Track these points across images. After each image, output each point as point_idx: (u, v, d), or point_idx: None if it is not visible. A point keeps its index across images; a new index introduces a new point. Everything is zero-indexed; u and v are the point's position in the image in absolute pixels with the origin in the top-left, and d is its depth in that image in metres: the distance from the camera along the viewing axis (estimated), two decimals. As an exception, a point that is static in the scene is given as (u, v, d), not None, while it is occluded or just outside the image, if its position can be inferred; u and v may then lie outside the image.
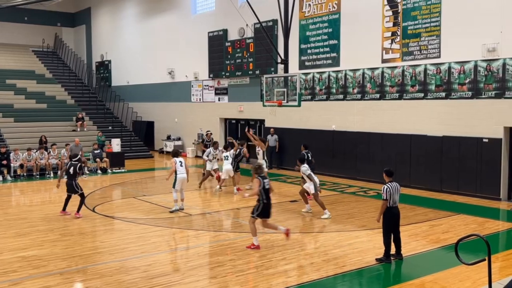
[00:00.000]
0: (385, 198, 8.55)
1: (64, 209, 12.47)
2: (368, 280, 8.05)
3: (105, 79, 32.59)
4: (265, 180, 9.39)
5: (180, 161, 12.81)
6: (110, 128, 26.63)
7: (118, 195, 16.09)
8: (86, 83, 31.66)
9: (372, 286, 7.88)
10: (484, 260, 4.42)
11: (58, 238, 10.28)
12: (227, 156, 15.26)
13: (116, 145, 22.23)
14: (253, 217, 9.43)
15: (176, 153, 13.12)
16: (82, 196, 12.42)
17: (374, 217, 11.96)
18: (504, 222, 11.94)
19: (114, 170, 20.79)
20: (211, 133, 19.23)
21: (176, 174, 12.64)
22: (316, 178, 12.12)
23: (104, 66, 33.05)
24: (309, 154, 14.02)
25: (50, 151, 20.07)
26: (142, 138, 28.16)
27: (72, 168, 12.27)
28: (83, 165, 13.80)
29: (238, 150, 15.54)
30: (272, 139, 20.12)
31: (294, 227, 11.41)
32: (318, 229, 11.30)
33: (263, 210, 9.35)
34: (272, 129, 20.49)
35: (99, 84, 32.07)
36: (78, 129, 24.67)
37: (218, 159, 16.20)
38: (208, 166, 15.96)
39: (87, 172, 20.41)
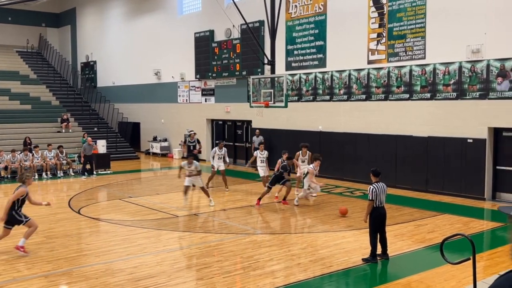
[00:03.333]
0: (371, 198, 8.58)
1: None
2: (354, 280, 8.08)
3: (90, 80, 32.33)
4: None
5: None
6: (95, 129, 26.42)
7: (104, 196, 15.97)
8: (71, 84, 31.38)
9: (358, 286, 7.91)
10: (469, 259, 4.46)
11: (43, 240, 10.15)
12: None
13: (101, 146, 22.08)
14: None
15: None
16: None
17: (361, 218, 12.03)
18: (489, 221, 12.07)
19: (99, 172, 20.63)
20: (194, 133, 19.16)
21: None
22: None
23: (90, 67, 32.79)
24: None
25: (33, 153, 19.85)
26: (128, 139, 27.98)
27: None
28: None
29: (284, 163, 13.81)
30: (257, 141, 19.52)
31: (281, 228, 11.42)
32: (305, 230, 11.32)
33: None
34: (257, 130, 20.25)
35: (84, 85, 31.81)
36: (63, 131, 24.44)
37: (225, 160, 16.03)
38: (215, 165, 15.90)
39: (72, 173, 20.23)
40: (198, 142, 18.38)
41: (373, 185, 8.67)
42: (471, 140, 14.26)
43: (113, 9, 30.25)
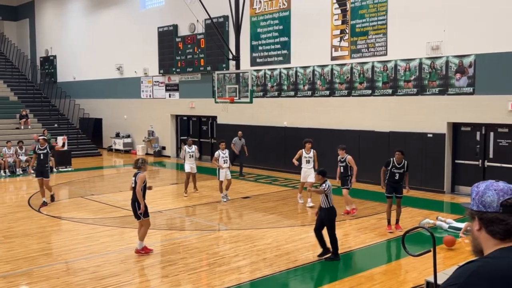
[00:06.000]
0: (326, 190, 8.52)
1: None
2: (319, 273, 8.18)
3: (50, 75, 31.48)
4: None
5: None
6: (55, 125, 25.78)
7: (65, 194, 15.61)
8: (30, 79, 30.49)
9: (323, 279, 8.01)
10: (430, 251, 4.56)
11: (0, 240, 9.85)
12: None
13: (62, 143, 21.55)
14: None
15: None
16: None
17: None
18: (448, 214, 12.39)
19: (60, 169, 20.14)
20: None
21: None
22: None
23: (49, 62, 31.92)
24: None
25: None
26: (90, 135, 27.41)
27: None
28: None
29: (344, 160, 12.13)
30: (239, 144, 17.79)
31: (246, 223, 11.43)
32: (270, 225, 11.37)
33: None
34: (240, 132, 18.12)
35: (43, 80, 30.96)
36: (22, 127, 23.73)
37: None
38: (188, 166, 14.47)
39: (32, 171, 19.67)
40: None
41: (328, 183, 8.63)
42: (431, 135, 14.63)
43: (73, 3, 29.50)
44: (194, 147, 14.96)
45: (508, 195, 2.04)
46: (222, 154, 13.70)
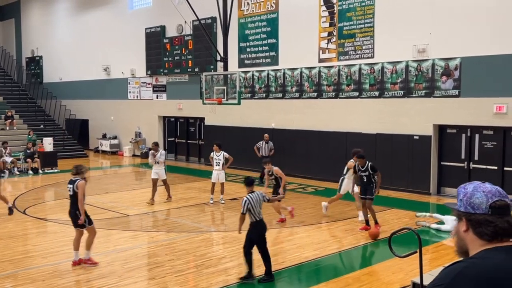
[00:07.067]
0: (243, 212, 7.55)
1: None
2: (306, 275, 8.19)
3: (36, 76, 31.16)
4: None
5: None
6: (41, 126, 25.53)
7: (51, 196, 15.46)
8: (16, 79, 30.17)
9: (311, 280, 8.03)
10: (416, 252, 4.60)
11: (-15, 242, 9.73)
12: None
13: (48, 144, 21.36)
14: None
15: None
16: None
17: (312, 213, 12.26)
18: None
19: (46, 171, 19.95)
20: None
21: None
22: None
23: (35, 62, 31.60)
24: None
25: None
26: (76, 137, 27.19)
27: None
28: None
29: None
30: (266, 147, 16.64)
31: (233, 225, 11.40)
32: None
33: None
34: (266, 135, 16.92)
35: (29, 80, 30.63)
36: (7, 128, 23.47)
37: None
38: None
39: (17, 172, 19.49)
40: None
41: (247, 196, 7.61)
42: (417, 137, 14.75)
43: (60, 3, 29.25)
44: (160, 152, 13.58)
45: (496, 196, 2.06)
46: (216, 156, 13.51)
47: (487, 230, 2.03)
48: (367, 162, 10.55)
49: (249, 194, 7.71)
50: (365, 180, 10.49)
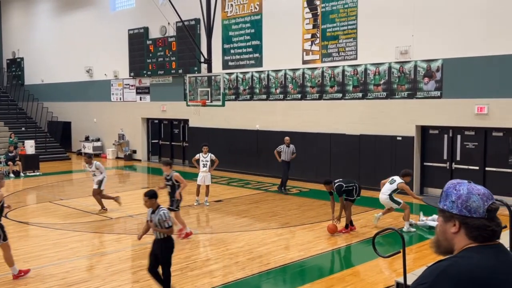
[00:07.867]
0: (170, 225, 7.06)
1: None
2: (291, 276, 8.21)
3: (17, 78, 30.74)
4: None
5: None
6: (23, 129, 25.19)
7: (33, 199, 15.26)
8: (-4, 81, 29.74)
9: (295, 281, 8.04)
10: (399, 252, 4.64)
11: (-35, 247, 9.55)
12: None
13: (30, 147, 21.07)
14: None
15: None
16: None
17: (296, 215, 12.29)
18: (417, 215, 12.62)
19: (27, 174, 19.68)
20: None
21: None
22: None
23: (16, 64, 31.18)
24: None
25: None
26: (58, 139, 26.86)
27: None
28: None
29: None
30: (288, 151, 15.42)
31: (218, 227, 11.39)
32: (242, 228, 11.36)
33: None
34: (287, 138, 15.56)
35: (10, 82, 30.20)
36: (-13, 130, 23.11)
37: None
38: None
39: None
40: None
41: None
42: (400, 138, 14.88)
43: (41, 4, 28.91)
44: (94, 164, 13.06)
45: (490, 200, 2.05)
46: (203, 158, 13.52)
47: (485, 234, 2.02)
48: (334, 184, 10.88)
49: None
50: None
